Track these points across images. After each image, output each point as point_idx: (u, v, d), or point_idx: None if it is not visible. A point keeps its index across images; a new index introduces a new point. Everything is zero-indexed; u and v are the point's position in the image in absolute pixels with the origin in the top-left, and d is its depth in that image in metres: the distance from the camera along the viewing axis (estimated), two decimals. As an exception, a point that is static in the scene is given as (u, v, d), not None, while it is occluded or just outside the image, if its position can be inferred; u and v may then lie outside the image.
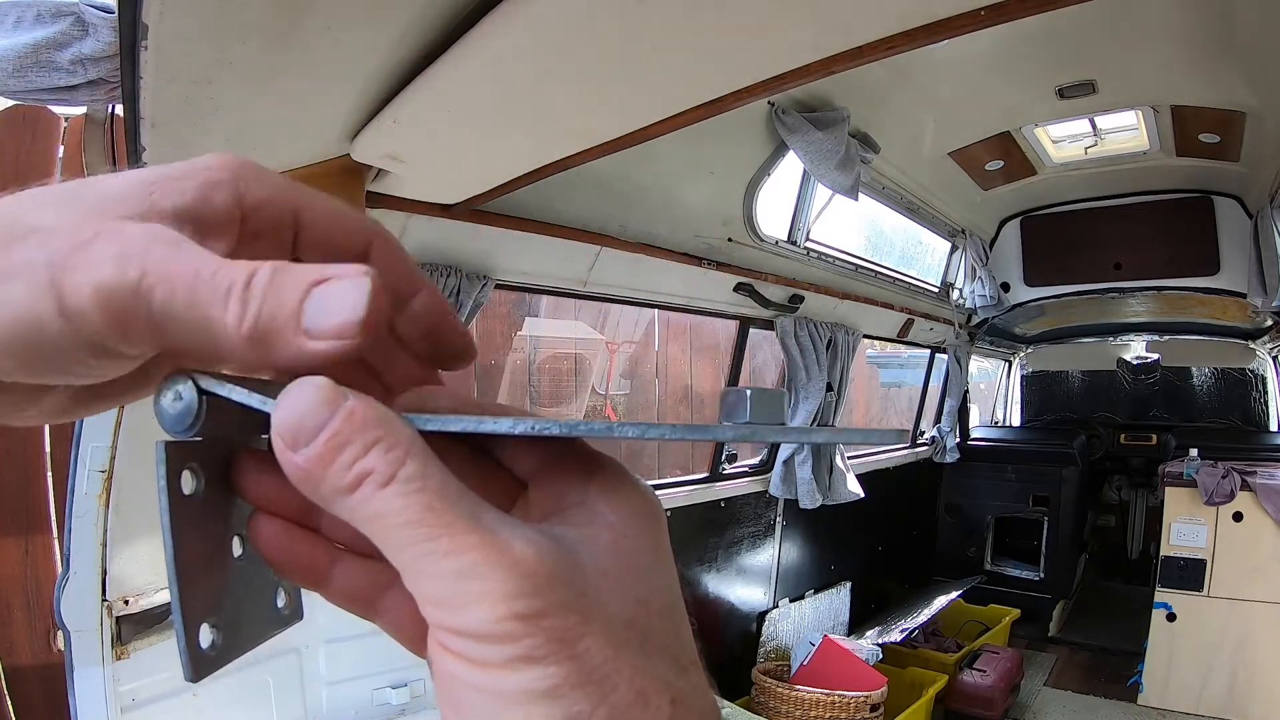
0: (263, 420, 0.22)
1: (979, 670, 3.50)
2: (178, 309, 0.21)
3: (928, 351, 4.68)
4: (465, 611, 0.20)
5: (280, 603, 0.27)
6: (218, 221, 0.24)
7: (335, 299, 0.21)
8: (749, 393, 0.22)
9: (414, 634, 0.24)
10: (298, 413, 0.21)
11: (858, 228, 3.68)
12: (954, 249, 4.23)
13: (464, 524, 0.20)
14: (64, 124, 1.69)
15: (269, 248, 0.26)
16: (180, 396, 0.22)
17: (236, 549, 0.25)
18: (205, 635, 0.23)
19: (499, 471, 0.27)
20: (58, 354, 0.22)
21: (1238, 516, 3.48)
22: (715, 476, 3.18)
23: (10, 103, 1.56)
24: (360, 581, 0.25)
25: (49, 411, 0.25)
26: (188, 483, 0.23)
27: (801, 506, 3.41)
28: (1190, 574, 3.54)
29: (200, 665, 0.23)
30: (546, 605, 0.20)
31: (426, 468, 0.21)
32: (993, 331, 4.91)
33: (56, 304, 0.21)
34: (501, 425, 0.22)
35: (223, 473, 0.25)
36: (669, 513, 2.88)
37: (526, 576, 0.20)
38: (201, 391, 0.22)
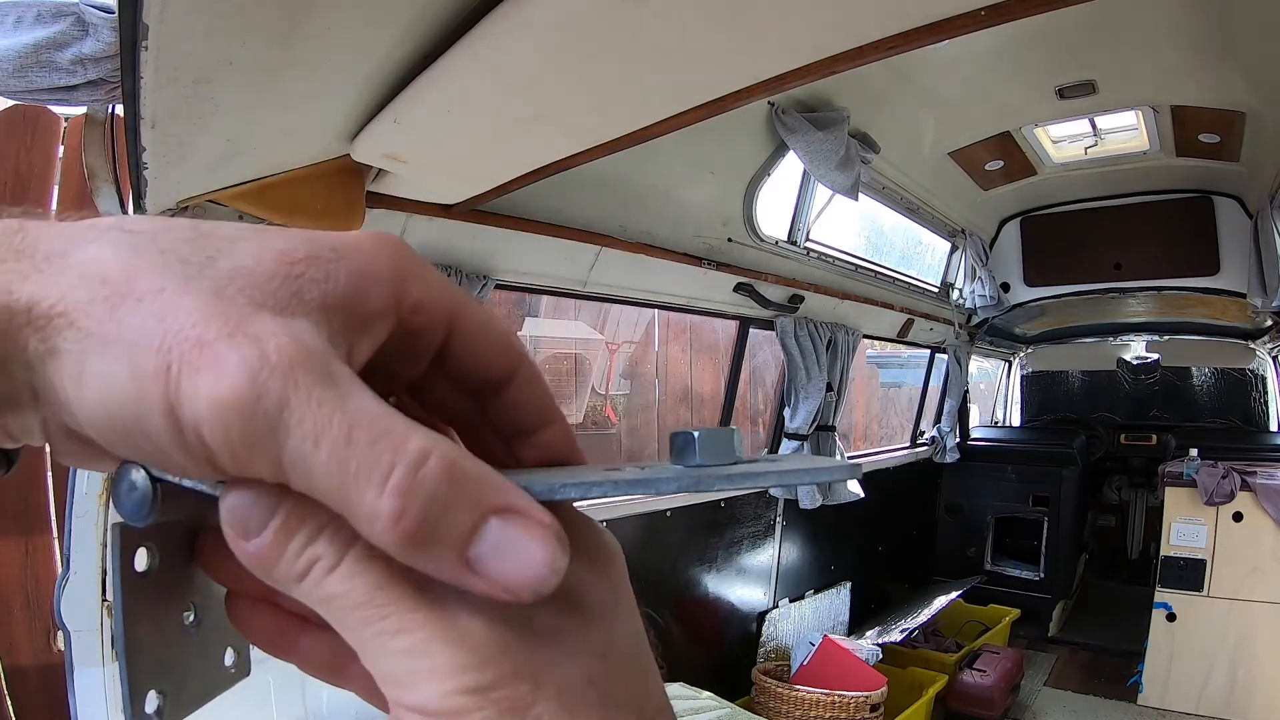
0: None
1: (979, 670, 3.50)
2: (316, 468, 0.18)
3: (928, 351, 4.68)
4: (416, 689, 0.20)
5: (229, 661, 0.27)
6: (367, 321, 0.21)
7: (518, 548, 0.19)
8: (697, 434, 0.21)
9: (383, 700, 0.24)
10: (245, 504, 0.20)
11: (858, 228, 3.68)
12: (954, 249, 4.23)
13: (411, 602, 0.20)
14: (64, 124, 1.68)
15: (408, 355, 0.24)
16: (135, 486, 0.22)
17: (189, 617, 0.26)
18: (151, 701, 0.23)
19: None
20: (152, 449, 0.19)
21: (1238, 516, 3.48)
22: (715, 476, 3.18)
23: (10, 103, 1.56)
24: (326, 651, 0.25)
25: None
26: (141, 560, 0.23)
27: (801, 507, 3.41)
28: (1190, 574, 3.53)
29: None
30: (495, 677, 0.20)
31: (373, 548, 0.20)
32: (993, 331, 4.91)
33: (165, 402, 0.18)
34: None
35: (179, 546, 0.25)
36: (668, 513, 2.89)
37: (474, 650, 0.20)
38: (155, 480, 0.22)
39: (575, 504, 0.24)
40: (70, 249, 0.20)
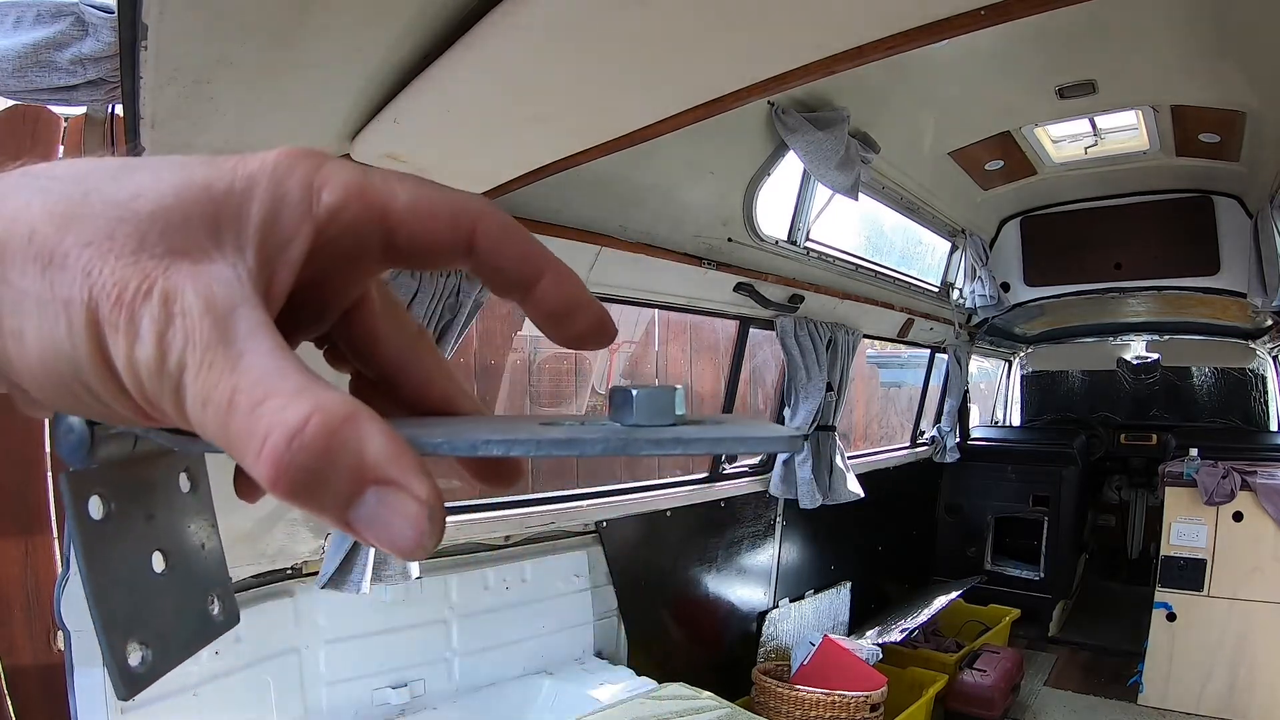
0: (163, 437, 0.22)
1: (979, 670, 3.50)
2: (205, 427, 0.19)
3: (928, 351, 4.67)
4: None
5: (214, 610, 0.27)
6: (282, 246, 0.22)
7: (390, 521, 0.19)
8: (635, 392, 0.20)
9: None
10: None
11: (858, 228, 3.68)
12: (954, 249, 4.23)
13: None
14: (64, 124, 1.68)
15: (350, 252, 0.23)
16: (71, 429, 0.22)
17: (159, 565, 0.25)
18: (134, 654, 0.23)
19: None
20: (92, 400, 0.20)
21: (1238, 516, 3.48)
22: (715, 477, 3.18)
23: (10, 103, 1.56)
24: None
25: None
26: (96, 508, 0.23)
27: (801, 506, 3.41)
28: (1190, 574, 3.53)
29: (131, 683, 0.23)
30: None
31: None
32: (993, 331, 4.91)
33: (100, 356, 0.19)
34: None
35: (135, 493, 0.25)
36: (668, 513, 2.89)
37: None
38: (90, 423, 0.22)
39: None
40: (1, 199, 0.20)
